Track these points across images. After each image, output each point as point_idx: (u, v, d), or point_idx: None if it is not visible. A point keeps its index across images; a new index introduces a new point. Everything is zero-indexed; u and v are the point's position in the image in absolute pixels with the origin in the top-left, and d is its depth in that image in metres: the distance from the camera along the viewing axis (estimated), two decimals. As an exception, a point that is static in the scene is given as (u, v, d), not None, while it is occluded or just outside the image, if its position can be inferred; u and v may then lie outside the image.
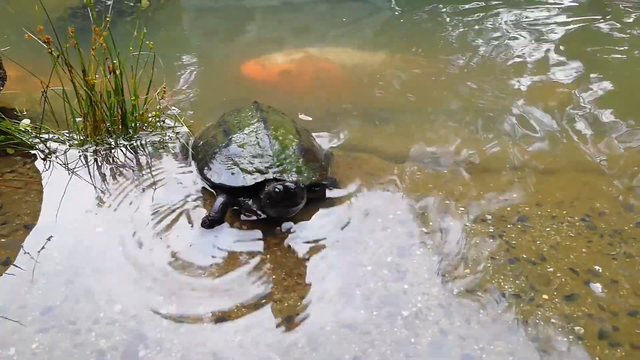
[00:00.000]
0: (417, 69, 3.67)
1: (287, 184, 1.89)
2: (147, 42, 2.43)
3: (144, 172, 2.40)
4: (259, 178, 2.05)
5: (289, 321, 1.69)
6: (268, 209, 2.00)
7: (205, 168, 2.19)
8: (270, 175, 2.05)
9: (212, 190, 2.23)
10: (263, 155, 2.10)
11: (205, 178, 2.18)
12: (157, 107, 2.68)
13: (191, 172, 2.37)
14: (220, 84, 3.51)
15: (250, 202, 2.08)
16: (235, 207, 2.12)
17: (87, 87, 2.38)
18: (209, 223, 2.03)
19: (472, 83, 3.39)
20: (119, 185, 2.31)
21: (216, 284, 1.82)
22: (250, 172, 2.07)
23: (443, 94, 3.31)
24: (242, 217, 2.10)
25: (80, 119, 2.53)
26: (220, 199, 2.06)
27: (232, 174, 2.09)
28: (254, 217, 2.09)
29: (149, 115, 2.66)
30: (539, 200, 2.25)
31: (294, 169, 2.10)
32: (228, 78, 3.58)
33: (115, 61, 2.40)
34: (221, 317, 1.70)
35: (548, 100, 3.21)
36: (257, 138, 2.17)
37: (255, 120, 2.28)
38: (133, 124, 2.59)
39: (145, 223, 2.08)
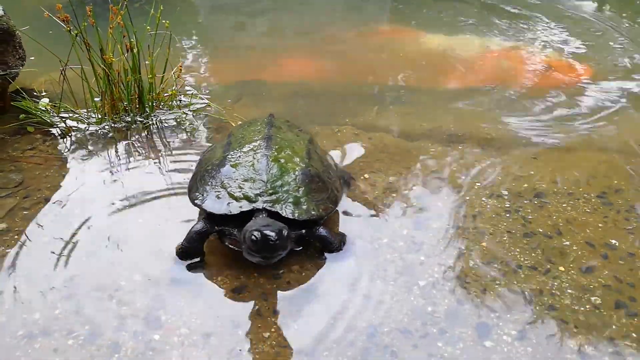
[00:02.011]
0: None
1: (267, 232, 1.60)
2: (164, 21, 2.45)
3: (160, 150, 2.43)
4: (246, 207, 1.75)
5: (305, 291, 1.72)
6: (244, 252, 1.71)
7: (193, 186, 1.90)
8: (259, 205, 1.75)
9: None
10: (255, 180, 1.80)
11: (189, 197, 1.89)
12: (174, 87, 2.71)
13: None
14: (232, 65, 3.53)
15: (236, 233, 1.77)
16: (215, 234, 1.83)
17: (105, 65, 2.42)
18: (182, 254, 1.81)
19: (490, 61, 3.38)
20: (136, 161, 2.34)
21: (233, 255, 1.84)
22: (237, 199, 1.77)
23: (460, 72, 3.30)
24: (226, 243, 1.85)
25: (98, 98, 2.57)
26: (197, 227, 1.79)
27: (218, 197, 1.79)
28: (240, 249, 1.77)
29: (165, 94, 2.69)
30: (555, 178, 2.25)
31: (291, 199, 1.78)
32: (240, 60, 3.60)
33: (132, 39, 2.42)
34: (239, 286, 1.72)
35: (564, 79, 3.18)
36: (253, 159, 1.87)
37: (260, 137, 1.98)
38: (150, 103, 2.62)
39: (161, 197, 2.11)
